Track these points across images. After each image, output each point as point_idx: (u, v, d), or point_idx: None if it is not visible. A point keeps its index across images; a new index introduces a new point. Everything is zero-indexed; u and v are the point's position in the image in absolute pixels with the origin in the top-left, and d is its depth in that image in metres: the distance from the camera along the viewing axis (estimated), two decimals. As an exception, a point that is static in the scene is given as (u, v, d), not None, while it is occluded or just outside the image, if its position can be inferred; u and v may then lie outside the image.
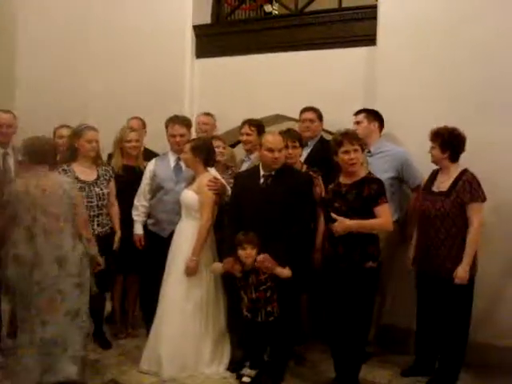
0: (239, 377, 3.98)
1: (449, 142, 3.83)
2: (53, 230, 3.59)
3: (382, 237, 3.85)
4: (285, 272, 3.76)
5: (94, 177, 4.38)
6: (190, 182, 4.30)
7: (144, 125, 5.24)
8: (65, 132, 4.81)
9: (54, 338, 3.56)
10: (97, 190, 4.32)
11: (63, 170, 4.31)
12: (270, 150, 3.87)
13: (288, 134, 4.20)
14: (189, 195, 4.17)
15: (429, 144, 3.93)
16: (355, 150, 3.66)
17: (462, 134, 3.84)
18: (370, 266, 3.62)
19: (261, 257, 3.78)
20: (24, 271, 3.54)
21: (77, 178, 4.28)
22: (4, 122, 4.46)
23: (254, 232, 3.81)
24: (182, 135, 4.56)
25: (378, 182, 3.69)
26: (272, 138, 3.93)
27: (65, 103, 6.01)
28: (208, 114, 5.15)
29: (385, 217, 3.63)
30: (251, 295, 3.86)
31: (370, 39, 4.85)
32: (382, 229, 3.70)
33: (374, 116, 4.51)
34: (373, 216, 3.61)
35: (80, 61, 6.16)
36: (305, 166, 4.29)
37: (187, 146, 4.22)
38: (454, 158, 3.88)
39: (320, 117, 4.71)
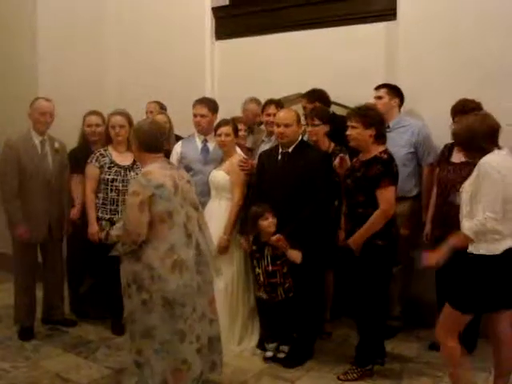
0: (266, 355, 4.07)
1: None
2: (203, 224, 3.37)
3: (403, 209, 4.05)
4: (294, 256, 3.83)
5: (130, 161, 4.45)
6: (219, 163, 4.36)
7: (163, 108, 5.30)
8: (94, 119, 4.87)
9: (217, 334, 3.44)
10: (132, 174, 4.38)
11: (100, 154, 4.45)
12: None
13: (311, 112, 4.23)
14: (219, 175, 4.23)
15: (449, 118, 3.96)
16: (352, 127, 3.65)
17: None
18: (379, 244, 3.59)
19: (275, 237, 3.85)
20: (188, 279, 3.12)
21: (113, 162, 4.40)
22: (48, 110, 4.47)
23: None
24: (202, 115, 4.57)
25: (386, 162, 3.60)
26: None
27: (84, 90, 6.03)
28: (257, 101, 5.11)
29: (383, 203, 3.54)
30: (267, 267, 3.93)
31: (389, 14, 4.80)
32: (383, 219, 3.57)
33: (395, 92, 4.49)
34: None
35: (99, 47, 6.20)
36: (332, 144, 4.25)
37: (228, 129, 4.24)
38: None
39: (315, 99, 4.59)
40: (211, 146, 4.55)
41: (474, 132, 3.06)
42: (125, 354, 4.09)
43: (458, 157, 3.98)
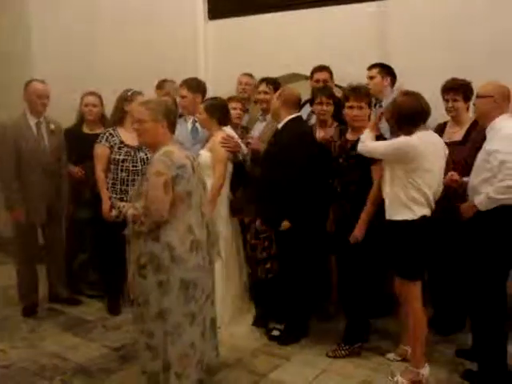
0: (269, 331, 4.13)
1: (469, 92, 3.87)
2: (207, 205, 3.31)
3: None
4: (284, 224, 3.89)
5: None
6: (205, 142, 4.35)
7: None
8: (91, 99, 4.88)
9: (215, 315, 3.40)
10: (141, 154, 4.39)
11: (110, 134, 4.43)
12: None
13: (322, 91, 4.22)
14: (203, 155, 4.21)
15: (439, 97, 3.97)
16: (360, 107, 3.67)
17: None
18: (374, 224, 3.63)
19: (257, 223, 4.03)
20: (201, 259, 3.10)
21: (122, 143, 4.39)
22: (45, 92, 4.50)
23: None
24: (182, 96, 4.60)
25: (381, 138, 3.65)
26: None
27: (77, 72, 6.00)
28: (249, 75, 5.16)
29: (378, 178, 3.57)
30: (251, 241, 4.08)
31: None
32: (379, 196, 3.56)
33: (387, 71, 4.52)
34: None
35: (91, 28, 6.15)
36: (335, 124, 4.24)
37: (201, 107, 4.25)
38: (468, 108, 3.95)
39: (332, 75, 4.69)
40: (200, 125, 4.53)
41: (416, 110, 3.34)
42: (119, 334, 4.24)
43: (449, 136, 4.01)
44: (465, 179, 3.66)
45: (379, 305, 4.22)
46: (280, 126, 4.00)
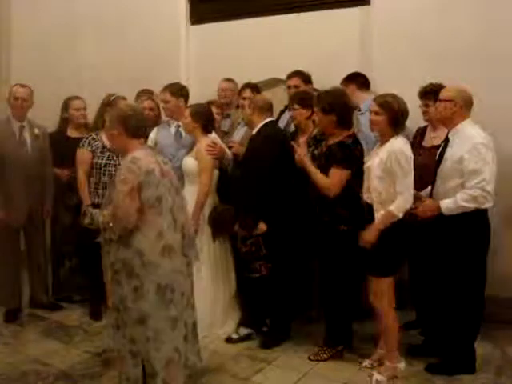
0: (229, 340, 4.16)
1: None
2: (184, 208, 3.28)
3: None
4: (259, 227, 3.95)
5: None
6: (191, 148, 4.34)
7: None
8: (78, 103, 4.87)
9: (196, 320, 3.35)
10: None
11: (92, 138, 4.44)
12: None
13: (293, 96, 4.29)
14: (189, 161, 4.21)
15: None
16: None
17: None
18: (342, 229, 3.63)
19: (236, 227, 4.04)
20: (177, 263, 3.09)
21: (105, 147, 4.39)
22: (20, 95, 4.48)
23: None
24: (165, 101, 4.59)
25: (345, 146, 3.63)
26: None
27: (59, 74, 6.01)
28: (231, 80, 5.17)
29: (331, 180, 3.60)
30: (240, 248, 4.06)
31: (363, -1, 4.84)
32: (323, 188, 3.62)
33: (348, 79, 4.52)
34: None
35: (73, 30, 6.14)
36: (316, 130, 4.20)
37: (187, 111, 4.24)
38: None
39: (306, 80, 4.66)
40: (184, 130, 4.51)
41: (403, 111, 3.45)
42: (101, 339, 4.17)
43: (429, 141, 4.06)
44: (422, 193, 3.70)
45: (363, 307, 4.25)
46: (254, 131, 4.08)
